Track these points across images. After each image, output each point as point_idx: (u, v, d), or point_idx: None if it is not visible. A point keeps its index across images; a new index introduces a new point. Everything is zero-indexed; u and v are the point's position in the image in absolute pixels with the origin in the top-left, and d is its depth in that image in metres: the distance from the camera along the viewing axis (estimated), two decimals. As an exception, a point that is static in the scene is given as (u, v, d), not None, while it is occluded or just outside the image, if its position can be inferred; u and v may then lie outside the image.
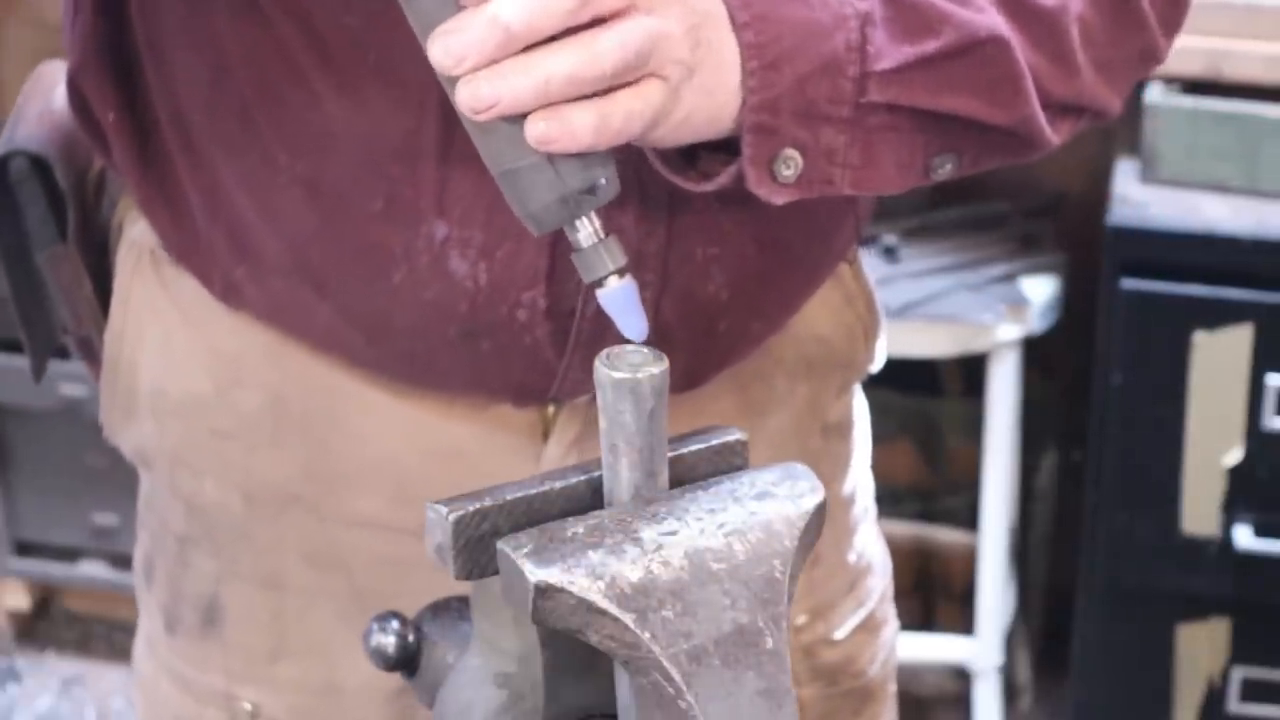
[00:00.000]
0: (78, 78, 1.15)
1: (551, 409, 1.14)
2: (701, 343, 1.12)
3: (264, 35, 1.04)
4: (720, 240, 1.09)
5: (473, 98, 0.84)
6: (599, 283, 0.89)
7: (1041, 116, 1.04)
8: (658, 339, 0.90)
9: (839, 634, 1.28)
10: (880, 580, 1.34)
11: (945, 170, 1.04)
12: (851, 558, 1.30)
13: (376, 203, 1.05)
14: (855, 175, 1.00)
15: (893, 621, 1.36)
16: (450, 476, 1.12)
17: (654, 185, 1.04)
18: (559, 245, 1.04)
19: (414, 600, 1.14)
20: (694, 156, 0.98)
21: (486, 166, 0.88)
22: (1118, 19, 1.09)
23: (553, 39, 0.85)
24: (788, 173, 0.97)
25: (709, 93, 0.92)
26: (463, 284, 1.06)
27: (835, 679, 1.28)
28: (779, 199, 0.97)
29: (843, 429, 1.28)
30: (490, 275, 1.05)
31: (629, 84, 0.87)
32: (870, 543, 1.34)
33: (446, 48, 0.84)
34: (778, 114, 0.95)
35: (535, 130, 0.85)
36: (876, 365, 1.30)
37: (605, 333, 1.07)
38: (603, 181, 0.88)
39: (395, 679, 1.17)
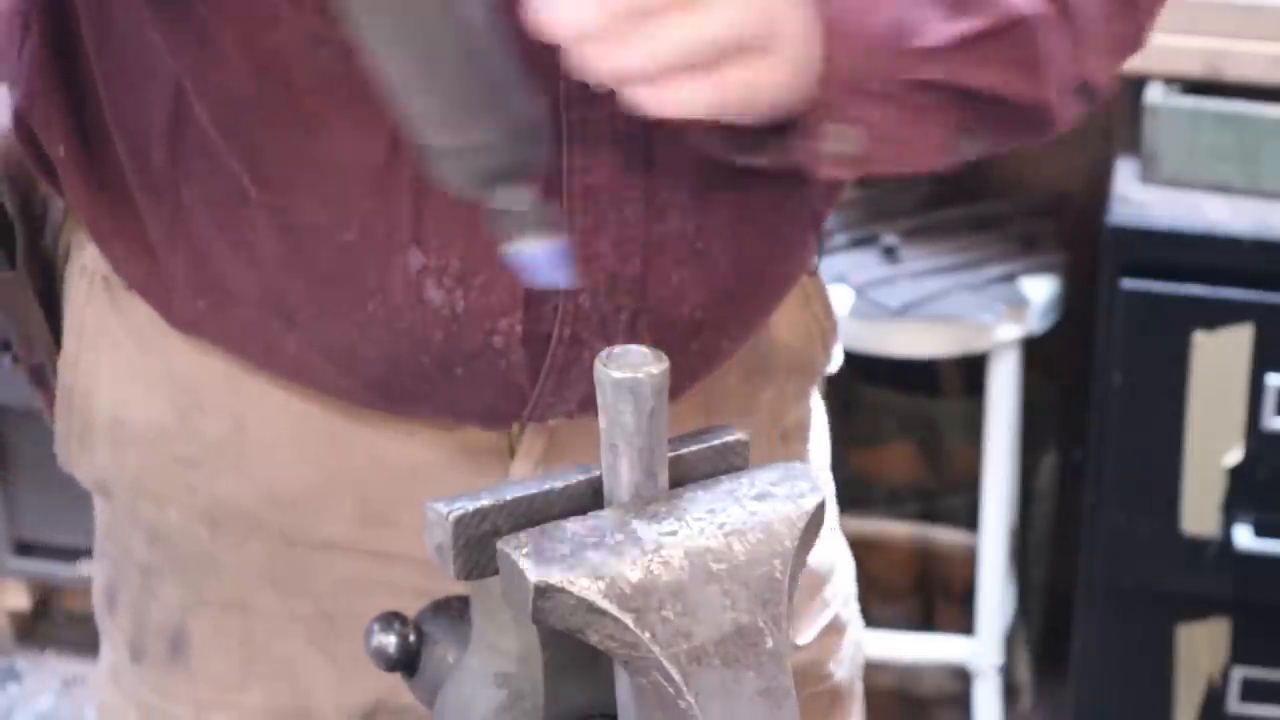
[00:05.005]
0: (25, 112, 1.13)
1: (517, 427, 1.13)
2: (675, 360, 1.12)
3: (225, 73, 1.02)
4: (695, 261, 1.08)
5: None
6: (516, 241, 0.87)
7: (1058, 97, 1.05)
8: None
9: (803, 639, 1.28)
10: (843, 584, 1.33)
11: (970, 149, 1.04)
12: (813, 562, 1.29)
13: (349, 234, 1.04)
14: (899, 152, 1.00)
15: (856, 622, 1.35)
16: (415, 497, 1.11)
17: (630, 207, 1.04)
18: None
19: None
20: (735, 129, 0.97)
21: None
22: (1115, 2, 1.09)
23: None
24: (838, 149, 0.97)
25: (785, 68, 0.92)
26: (439, 313, 1.05)
27: (801, 684, 1.27)
28: (831, 175, 0.99)
29: (801, 433, 1.28)
30: (467, 303, 1.04)
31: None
32: (832, 547, 1.33)
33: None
34: (840, 90, 0.96)
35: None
36: (833, 367, 1.30)
37: (581, 356, 1.07)
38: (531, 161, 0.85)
39: (366, 701, 1.17)
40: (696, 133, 0.98)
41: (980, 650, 2.59)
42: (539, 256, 0.87)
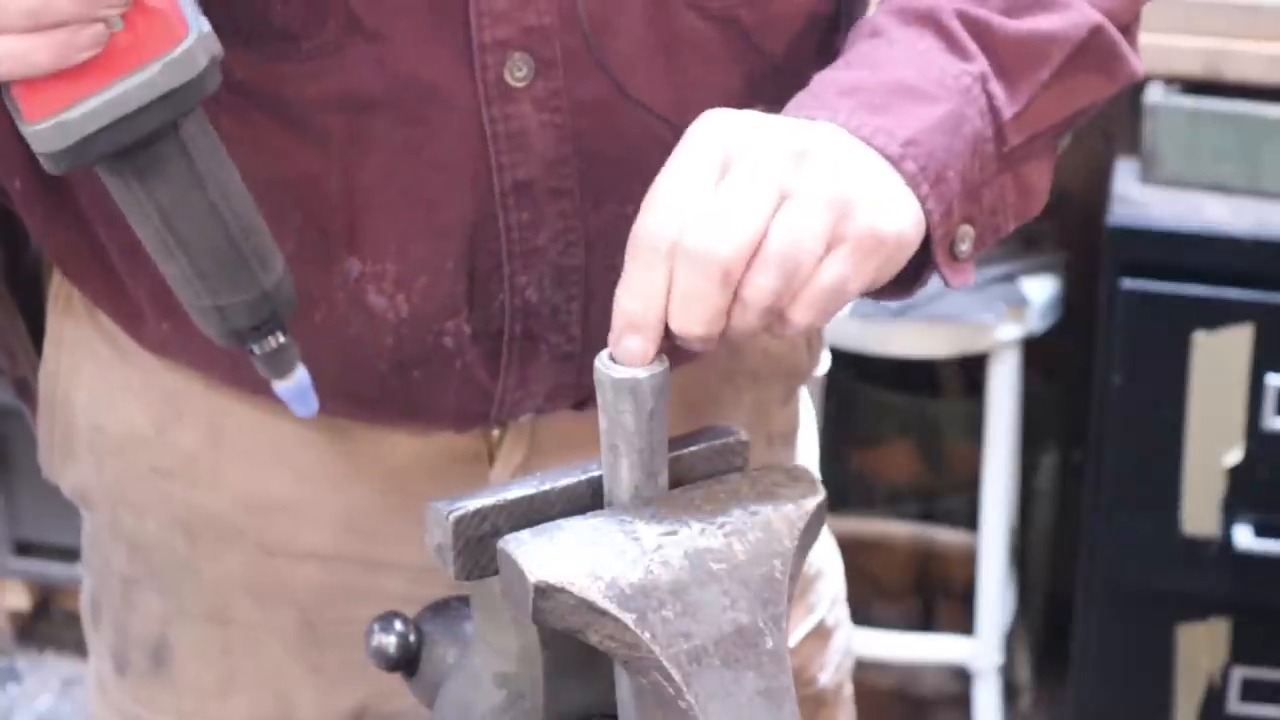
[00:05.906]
0: None
1: (496, 433, 1.13)
2: None
3: None
4: None
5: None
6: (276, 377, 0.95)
7: (1133, 57, 1.06)
8: (592, 350, 0.90)
9: (789, 643, 1.27)
10: (831, 585, 1.33)
11: (1064, 144, 1.06)
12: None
13: (288, 245, 1.03)
14: (1016, 210, 1.01)
15: (845, 625, 1.35)
16: (396, 505, 1.12)
17: (566, 199, 1.03)
18: (477, 271, 1.04)
19: (363, 629, 1.14)
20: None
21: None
22: None
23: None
24: (964, 247, 0.97)
25: (900, 257, 0.92)
26: (384, 318, 1.05)
27: None
28: (968, 278, 0.98)
29: (788, 436, 1.27)
30: (410, 307, 1.04)
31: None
32: (820, 549, 1.32)
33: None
34: (951, 210, 0.96)
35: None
36: (821, 369, 1.29)
37: (538, 350, 1.07)
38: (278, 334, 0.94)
39: (350, 709, 1.17)
40: None
41: (980, 650, 2.58)
42: (291, 390, 0.95)
